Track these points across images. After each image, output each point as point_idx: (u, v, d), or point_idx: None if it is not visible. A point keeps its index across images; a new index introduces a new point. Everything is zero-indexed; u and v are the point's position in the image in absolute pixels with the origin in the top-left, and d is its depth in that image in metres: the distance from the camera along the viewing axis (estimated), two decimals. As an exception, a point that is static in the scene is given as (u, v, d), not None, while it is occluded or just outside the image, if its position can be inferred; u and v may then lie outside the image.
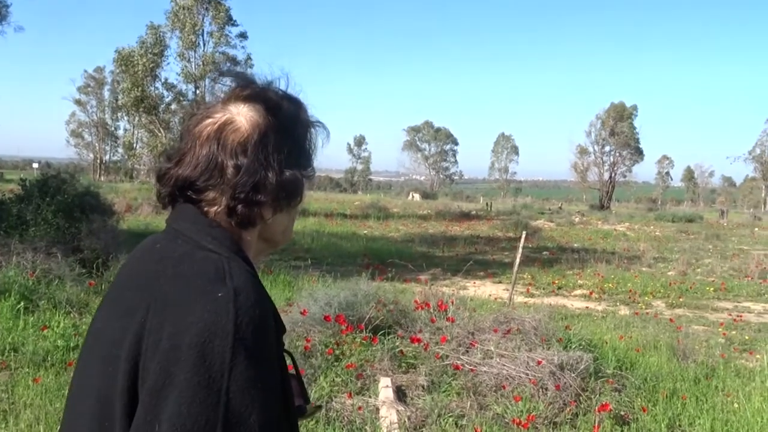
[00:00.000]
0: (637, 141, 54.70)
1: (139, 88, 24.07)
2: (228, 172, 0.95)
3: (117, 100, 38.58)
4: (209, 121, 0.99)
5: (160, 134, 24.60)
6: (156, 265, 0.95)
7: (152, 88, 25.46)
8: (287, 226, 1.08)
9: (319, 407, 1.14)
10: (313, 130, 1.08)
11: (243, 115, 0.99)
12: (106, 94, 60.72)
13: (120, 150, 57.39)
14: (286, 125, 1.01)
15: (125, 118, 42.16)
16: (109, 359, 0.90)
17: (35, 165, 51.72)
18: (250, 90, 1.02)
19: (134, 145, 35.60)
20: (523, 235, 8.03)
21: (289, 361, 1.05)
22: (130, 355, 0.87)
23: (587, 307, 9.71)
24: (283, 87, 1.08)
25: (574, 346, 5.45)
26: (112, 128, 62.99)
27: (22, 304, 6.00)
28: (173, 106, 26.17)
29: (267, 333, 0.89)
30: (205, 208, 0.97)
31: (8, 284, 6.32)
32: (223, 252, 0.94)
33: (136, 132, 39.54)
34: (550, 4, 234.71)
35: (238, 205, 0.95)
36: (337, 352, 5.18)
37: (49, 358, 4.92)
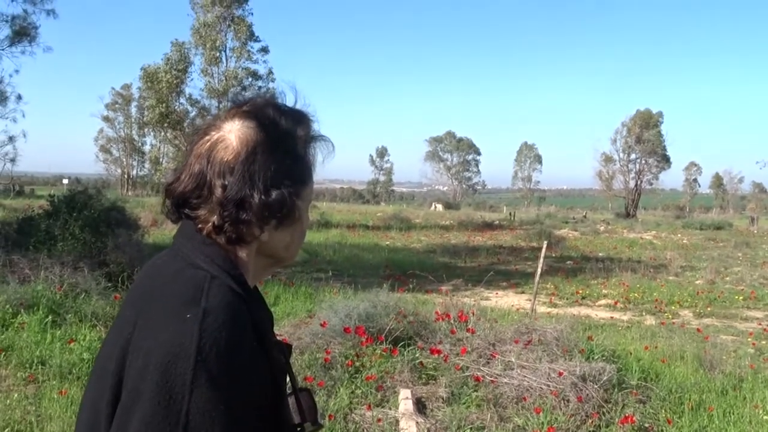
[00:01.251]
0: (664, 148, 53.91)
1: (164, 104, 24.50)
2: (216, 191, 0.96)
3: (143, 117, 39.29)
4: (205, 138, 1.00)
5: (185, 149, 24.99)
6: (151, 282, 0.97)
7: (177, 104, 25.90)
8: (290, 242, 1.06)
9: (320, 425, 1.12)
10: (313, 145, 1.06)
11: (234, 133, 0.98)
12: (133, 110, 61.90)
13: (147, 165, 58.23)
14: (277, 142, 1.00)
15: (151, 133, 42.90)
16: (102, 372, 0.93)
17: (65, 181, 52.86)
18: (248, 106, 1.02)
19: (161, 160, 36.14)
20: (545, 245, 7.96)
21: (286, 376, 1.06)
22: (116, 370, 0.90)
23: (612, 317, 9.57)
24: (290, 101, 1.07)
25: (596, 357, 5.39)
26: (139, 144, 64.13)
27: (49, 317, 6.12)
28: (198, 121, 26.57)
29: (235, 355, 0.87)
30: (199, 225, 0.99)
31: (36, 298, 6.46)
32: (213, 270, 0.94)
33: (162, 147, 40.15)
34: (573, 12, 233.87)
35: (224, 223, 0.96)
36: (357, 363, 5.19)
37: (74, 371, 5.01)
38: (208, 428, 0.83)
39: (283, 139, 1.01)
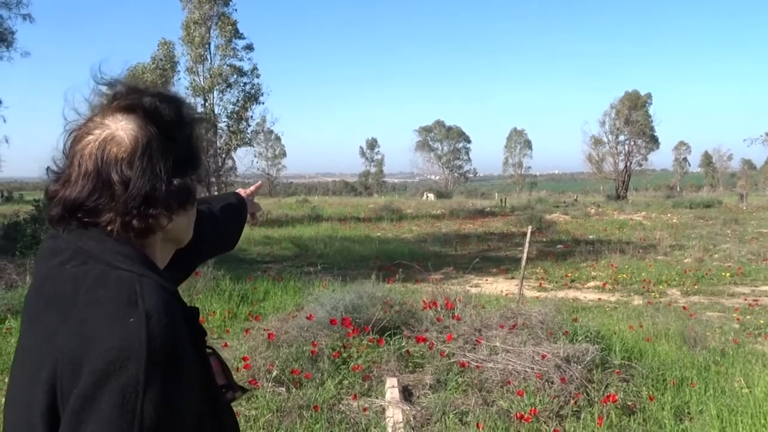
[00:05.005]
0: (652, 129, 54.01)
1: (148, 104, 24.30)
2: (116, 189, 0.96)
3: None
4: (90, 138, 0.99)
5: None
6: (71, 287, 0.95)
7: (162, 103, 25.73)
8: (188, 224, 1.11)
9: (245, 390, 1.18)
10: (197, 126, 1.08)
11: (123, 129, 0.98)
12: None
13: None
14: (167, 131, 1.01)
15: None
16: (32, 380, 0.93)
17: (55, 185, 52.35)
18: (126, 100, 1.01)
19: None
20: (529, 230, 8.01)
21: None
22: (48, 378, 0.90)
23: (599, 299, 9.66)
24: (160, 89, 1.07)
25: (580, 339, 5.45)
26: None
27: (37, 322, 6.12)
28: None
29: (180, 350, 0.93)
30: (109, 228, 0.98)
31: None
32: (136, 269, 0.95)
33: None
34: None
35: (132, 219, 0.97)
36: (344, 354, 5.24)
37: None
38: (163, 422, 0.87)
39: (173, 127, 1.02)
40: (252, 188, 1.90)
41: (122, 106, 1.01)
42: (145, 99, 1.02)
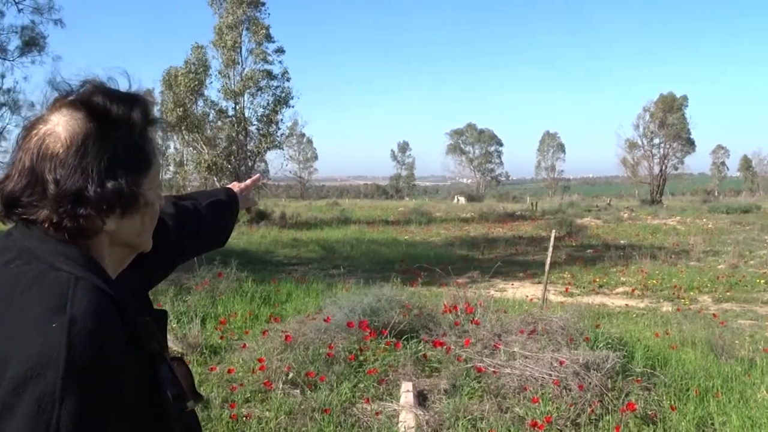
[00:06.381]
0: (688, 132, 52.78)
1: (182, 108, 24.71)
2: (49, 186, 0.93)
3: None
4: (33, 132, 0.97)
5: (203, 151, 25.30)
6: (9, 288, 0.92)
7: (195, 107, 26.14)
8: (140, 228, 1.06)
9: (201, 398, 1.14)
10: (149, 129, 1.04)
11: (62, 125, 0.95)
12: (157, 114, 62.66)
13: (171, 168, 58.91)
14: (108, 131, 0.97)
15: (174, 137, 43.40)
16: None
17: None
18: (74, 96, 0.99)
19: (184, 162, 36.48)
20: (553, 234, 7.90)
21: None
22: None
23: (627, 305, 9.46)
24: (122, 86, 1.03)
25: (600, 345, 5.34)
26: (163, 147, 64.87)
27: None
28: (218, 123, 26.86)
29: (105, 360, 0.87)
30: (46, 225, 0.95)
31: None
32: (76, 271, 0.92)
33: (184, 150, 40.60)
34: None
35: (63, 219, 0.93)
36: (360, 358, 5.22)
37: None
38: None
39: (115, 127, 0.98)
40: (247, 182, 1.82)
41: (69, 101, 0.99)
42: (95, 96, 0.99)
